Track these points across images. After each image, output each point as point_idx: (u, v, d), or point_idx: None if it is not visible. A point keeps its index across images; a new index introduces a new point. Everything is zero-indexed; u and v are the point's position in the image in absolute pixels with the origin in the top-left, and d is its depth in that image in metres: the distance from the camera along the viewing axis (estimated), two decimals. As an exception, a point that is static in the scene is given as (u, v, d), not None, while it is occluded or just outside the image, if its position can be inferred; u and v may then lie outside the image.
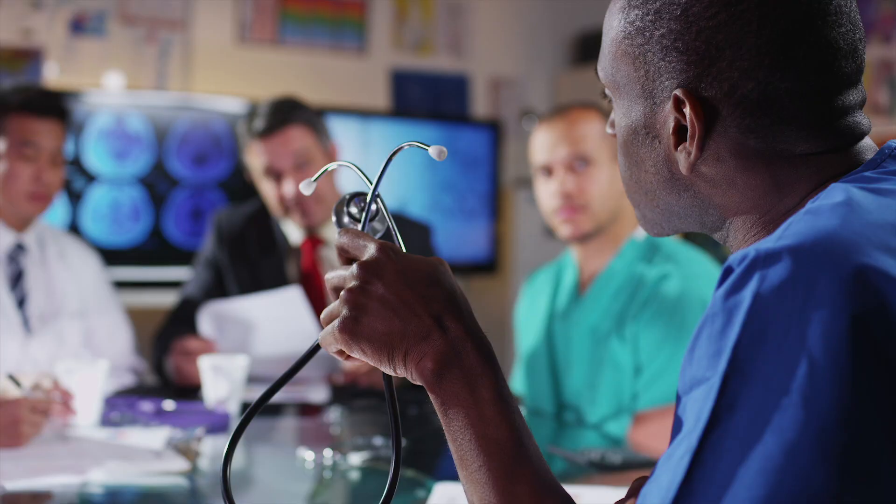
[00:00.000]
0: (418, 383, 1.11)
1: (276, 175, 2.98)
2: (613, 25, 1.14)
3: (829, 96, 1.05)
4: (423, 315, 1.11)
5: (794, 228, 0.93)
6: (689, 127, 1.07)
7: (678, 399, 0.95)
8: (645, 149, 1.12)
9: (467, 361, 1.10)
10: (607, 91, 1.18)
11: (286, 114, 2.98)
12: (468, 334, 1.12)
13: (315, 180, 1.24)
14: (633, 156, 1.14)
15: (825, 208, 0.95)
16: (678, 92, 1.06)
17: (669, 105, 1.08)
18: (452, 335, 1.11)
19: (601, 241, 2.57)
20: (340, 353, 1.16)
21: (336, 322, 1.13)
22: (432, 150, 1.21)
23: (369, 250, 1.16)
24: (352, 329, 1.12)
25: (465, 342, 1.11)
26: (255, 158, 3.01)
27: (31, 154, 2.74)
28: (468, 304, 1.16)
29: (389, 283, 1.12)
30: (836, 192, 0.98)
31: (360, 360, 1.16)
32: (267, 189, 3.03)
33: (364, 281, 1.13)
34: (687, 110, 1.06)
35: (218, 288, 3.08)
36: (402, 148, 1.23)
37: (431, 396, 1.10)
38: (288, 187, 2.96)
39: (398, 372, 1.12)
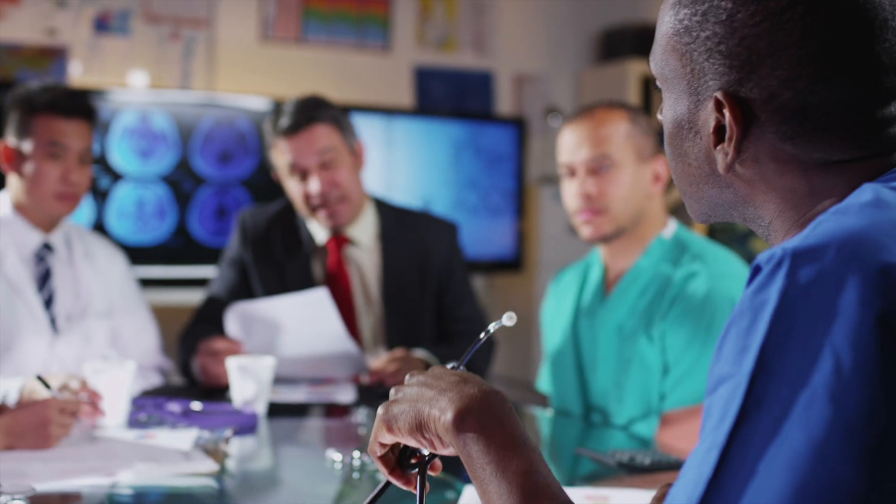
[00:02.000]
0: (446, 451, 1.20)
1: (301, 173, 2.97)
2: (665, 21, 1.17)
3: (869, 109, 1.06)
4: (451, 384, 1.22)
5: (822, 228, 0.94)
6: (727, 128, 1.09)
7: (706, 396, 0.97)
8: (689, 143, 1.16)
9: (487, 409, 1.18)
10: (658, 83, 1.21)
11: (312, 112, 2.97)
12: (489, 391, 1.20)
13: (465, 362, 1.38)
14: (677, 148, 1.18)
15: (853, 208, 0.97)
16: (718, 94, 1.09)
17: (711, 105, 1.11)
18: (474, 391, 1.19)
19: (627, 241, 2.56)
20: (383, 459, 1.27)
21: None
22: (504, 319, 1.38)
23: None
24: (387, 407, 1.24)
25: (486, 397, 1.19)
26: (281, 156, 3.00)
27: (58, 154, 2.74)
28: (502, 395, 1.23)
29: (429, 373, 1.26)
30: (864, 193, 1.00)
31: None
32: (292, 187, 3.02)
33: (409, 377, 1.27)
34: (726, 112, 1.08)
35: (243, 287, 3.08)
36: (487, 334, 1.39)
37: (454, 443, 1.17)
38: (314, 185, 2.95)
39: (426, 437, 1.20)
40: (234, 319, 2.82)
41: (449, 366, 1.35)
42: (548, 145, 5.21)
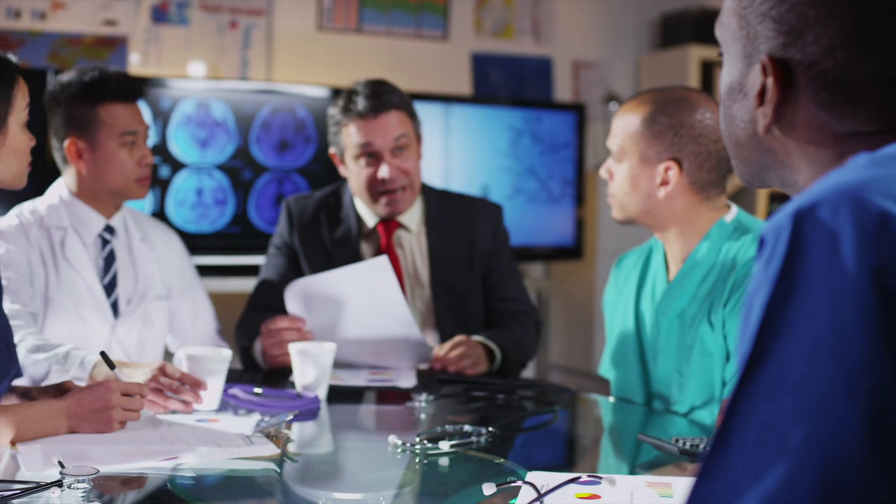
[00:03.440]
0: None
1: (372, 156, 2.96)
2: None
3: None
4: None
5: (819, 185, 0.98)
6: (769, 91, 1.15)
7: None
8: (737, 105, 1.22)
9: None
10: (721, 48, 1.26)
11: (389, 96, 2.97)
12: None
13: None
14: (728, 109, 1.24)
15: (848, 167, 1.02)
16: (764, 58, 1.15)
17: (759, 68, 1.16)
18: None
19: (681, 228, 2.53)
20: None
21: None
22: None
23: None
24: None
25: None
26: (350, 138, 2.98)
27: (131, 141, 2.76)
28: None
29: None
30: (859, 158, 1.03)
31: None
32: (356, 170, 3.00)
33: None
34: (769, 75, 1.15)
35: (295, 272, 3.07)
36: None
37: None
38: (384, 170, 2.94)
39: None
40: (294, 297, 2.81)
41: None
42: (607, 132, 5.18)
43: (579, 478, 1.70)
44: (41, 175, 2.64)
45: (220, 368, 2.33)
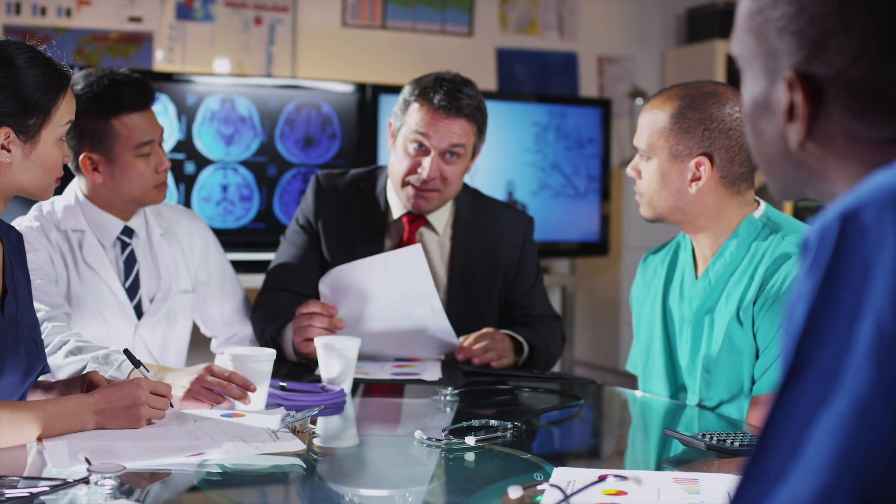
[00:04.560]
0: None
1: (422, 147, 2.93)
2: (742, 2, 1.18)
3: None
4: None
5: (864, 186, 0.96)
6: (798, 107, 1.11)
7: None
8: (765, 122, 1.17)
9: None
10: (738, 63, 1.22)
11: (467, 102, 2.93)
12: None
13: None
14: (755, 127, 1.20)
15: (894, 168, 0.99)
16: (789, 73, 1.10)
17: (783, 84, 1.12)
18: None
19: (710, 224, 2.51)
20: None
21: None
22: None
23: None
24: None
25: None
26: (413, 120, 2.94)
27: (149, 150, 2.72)
28: None
29: None
30: None
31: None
32: (402, 150, 2.96)
33: None
34: (797, 91, 1.10)
35: (315, 253, 3.04)
36: None
37: None
38: (425, 167, 2.90)
39: None
40: (327, 286, 2.81)
41: None
42: (633, 127, 5.16)
43: (605, 478, 1.69)
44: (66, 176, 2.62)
45: (266, 367, 2.30)
